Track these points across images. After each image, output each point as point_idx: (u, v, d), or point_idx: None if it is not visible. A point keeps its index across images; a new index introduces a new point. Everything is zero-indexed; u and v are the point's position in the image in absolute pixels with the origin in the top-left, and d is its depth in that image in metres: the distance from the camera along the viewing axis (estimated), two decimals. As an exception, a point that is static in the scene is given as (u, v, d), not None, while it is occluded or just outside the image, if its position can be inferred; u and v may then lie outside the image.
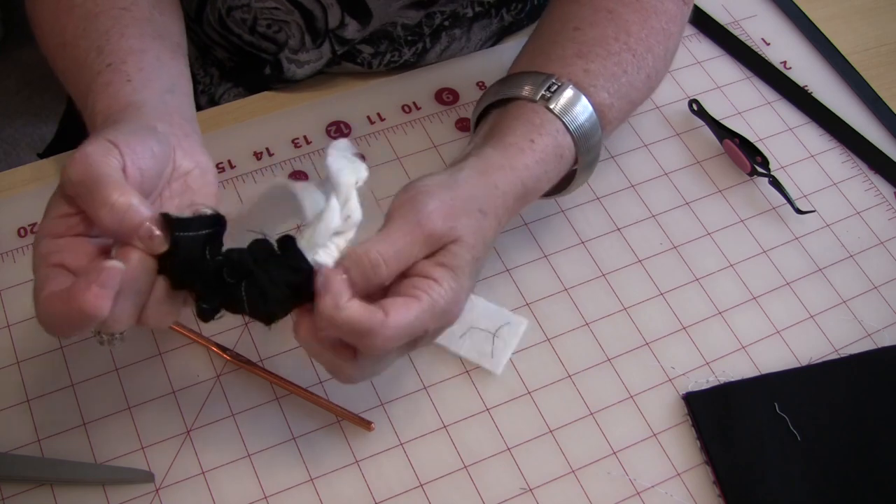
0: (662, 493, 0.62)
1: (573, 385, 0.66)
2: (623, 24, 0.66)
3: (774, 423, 0.65)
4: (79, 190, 0.48)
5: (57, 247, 0.49)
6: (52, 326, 0.47)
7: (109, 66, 0.58)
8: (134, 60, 0.58)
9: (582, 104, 0.62)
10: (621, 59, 0.65)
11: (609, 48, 0.65)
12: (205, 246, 0.48)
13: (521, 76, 0.63)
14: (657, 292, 0.71)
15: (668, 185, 0.77)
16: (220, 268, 0.49)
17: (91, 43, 0.59)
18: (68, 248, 0.49)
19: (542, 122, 0.61)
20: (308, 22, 0.76)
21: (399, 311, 0.49)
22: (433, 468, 0.62)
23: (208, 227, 0.49)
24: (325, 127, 0.76)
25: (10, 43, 1.76)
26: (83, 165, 0.48)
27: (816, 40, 0.88)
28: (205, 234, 0.48)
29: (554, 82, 0.62)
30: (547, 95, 0.61)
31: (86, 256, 0.49)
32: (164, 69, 0.59)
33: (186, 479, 0.60)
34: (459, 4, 0.78)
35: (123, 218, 0.47)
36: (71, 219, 0.49)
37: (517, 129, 0.60)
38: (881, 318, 0.71)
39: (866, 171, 0.79)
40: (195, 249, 0.48)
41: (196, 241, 0.48)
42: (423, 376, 0.65)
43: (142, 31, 0.60)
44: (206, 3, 0.78)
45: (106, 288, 0.45)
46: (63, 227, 0.49)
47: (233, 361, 0.64)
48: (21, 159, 1.62)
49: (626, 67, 0.65)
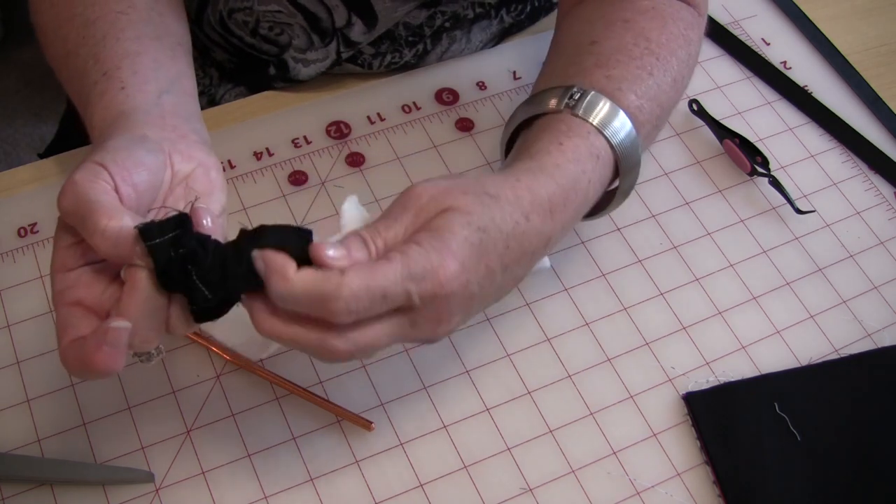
0: (662, 493, 0.62)
1: (573, 385, 0.66)
2: (641, 31, 0.64)
3: (774, 423, 0.65)
4: (73, 220, 0.48)
5: (71, 282, 0.49)
6: (75, 374, 0.48)
7: (105, 75, 0.57)
8: (129, 64, 0.58)
9: (608, 105, 0.59)
10: (644, 62, 0.62)
11: (630, 53, 0.62)
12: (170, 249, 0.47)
13: (541, 94, 0.61)
14: (657, 292, 0.71)
15: (668, 185, 0.77)
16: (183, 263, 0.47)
17: (89, 51, 0.59)
18: (82, 283, 0.49)
19: (568, 126, 0.58)
20: (312, 23, 0.75)
21: (360, 271, 0.46)
22: (433, 468, 0.62)
23: (173, 228, 0.47)
24: (325, 127, 0.77)
25: (10, 43, 1.76)
26: (72, 194, 0.48)
27: (816, 40, 0.88)
28: (171, 237, 0.47)
29: (576, 90, 0.59)
30: (571, 103, 0.58)
31: (99, 286, 0.49)
32: (162, 70, 0.59)
33: (186, 479, 0.60)
34: (460, 6, 0.78)
35: (117, 241, 0.46)
36: (77, 248, 0.49)
37: (543, 138, 0.58)
38: (881, 318, 0.71)
39: (866, 171, 0.79)
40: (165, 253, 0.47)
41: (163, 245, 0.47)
42: (423, 376, 0.65)
43: (139, 33, 0.60)
44: (207, 4, 0.78)
45: (115, 347, 0.46)
46: (72, 259, 0.49)
47: (233, 361, 0.64)
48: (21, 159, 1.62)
49: (651, 70, 0.62)
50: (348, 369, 0.65)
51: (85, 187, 0.48)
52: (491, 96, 0.80)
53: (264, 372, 0.63)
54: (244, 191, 0.72)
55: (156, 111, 0.56)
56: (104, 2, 0.61)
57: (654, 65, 0.62)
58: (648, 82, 0.61)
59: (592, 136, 0.58)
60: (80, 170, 0.49)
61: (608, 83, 0.60)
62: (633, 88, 0.60)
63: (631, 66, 0.61)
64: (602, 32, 0.64)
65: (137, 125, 0.54)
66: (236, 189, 0.72)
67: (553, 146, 0.56)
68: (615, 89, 0.60)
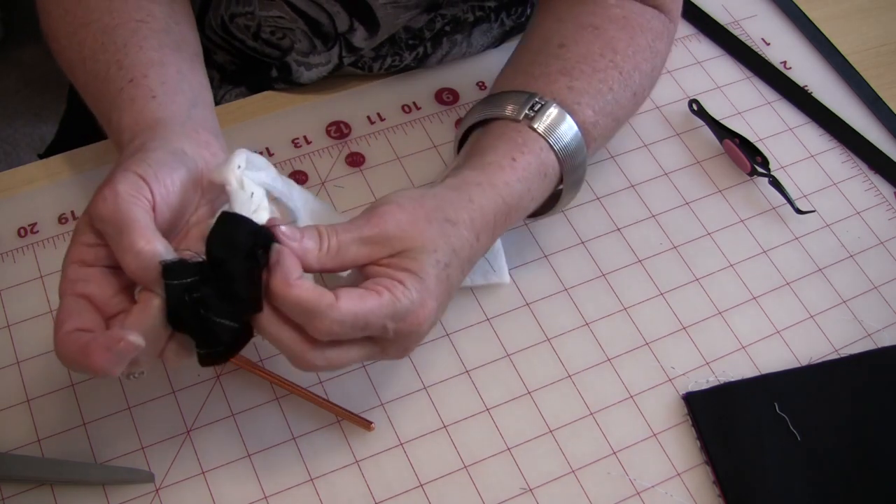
0: (662, 493, 0.62)
1: (573, 385, 0.66)
2: (609, 41, 0.65)
3: (774, 423, 0.65)
4: (106, 229, 0.48)
5: (84, 275, 0.49)
6: (64, 361, 0.48)
7: (132, 82, 0.57)
8: (155, 74, 0.58)
9: (567, 123, 0.61)
10: (607, 75, 0.64)
11: (595, 65, 0.64)
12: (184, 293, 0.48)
13: (503, 95, 0.62)
14: (657, 292, 0.71)
15: (668, 185, 0.77)
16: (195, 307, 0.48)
17: (110, 57, 0.59)
18: (95, 280, 0.49)
19: (524, 140, 0.60)
20: (314, 28, 0.75)
21: (352, 300, 0.49)
22: (433, 468, 0.62)
23: (193, 274, 0.48)
24: (325, 127, 0.77)
25: (10, 43, 1.76)
26: (113, 205, 0.48)
27: (816, 40, 0.88)
28: (187, 283, 0.48)
29: (537, 101, 0.61)
30: (530, 115, 0.60)
31: (111, 289, 0.50)
32: (186, 82, 0.59)
33: (186, 479, 0.60)
34: (460, 9, 0.78)
35: (147, 266, 0.47)
36: (98, 249, 0.49)
37: (498, 148, 0.60)
38: (881, 318, 0.71)
39: (866, 171, 0.79)
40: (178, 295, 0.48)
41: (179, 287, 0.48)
42: (423, 376, 0.65)
43: (160, 42, 0.60)
44: (209, 8, 0.77)
45: (122, 357, 0.46)
46: (91, 257, 0.49)
47: (233, 361, 0.64)
48: (21, 159, 1.62)
49: (611, 84, 0.64)
50: (348, 369, 0.65)
51: (128, 201, 0.48)
52: (491, 96, 0.80)
53: (264, 372, 0.63)
54: (244, 191, 0.72)
55: (189, 124, 0.56)
56: (123, 10, 0.61)
57: (615, 79, 0.64)
58: (608, 97, 0.64)
59: (545, 153, 0.60)
60: (123, 180, 0.49)
61: (569, 94, 0.62)
62: (592, 104, 0.63)
63: (594, 79, 0.63)
64: (571, 35, 0.65)
65: (175, 136, 0.54)
66: (236, 189, 0.72)
67: (506, 161, 0.59)
68: (574, 103, 0.62)
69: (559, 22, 0.67)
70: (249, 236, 0.48)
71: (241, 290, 0.48)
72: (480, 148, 0.61)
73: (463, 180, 0.58)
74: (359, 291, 0.50)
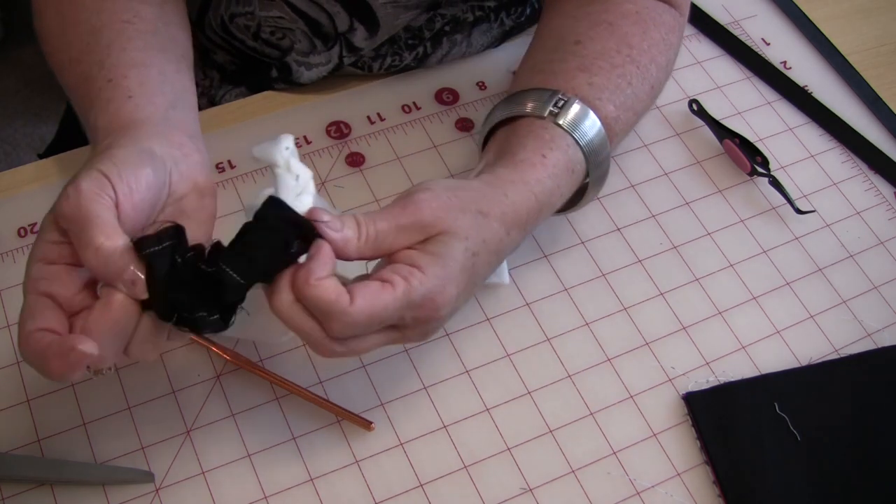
0: (662, 493, 0.62)
1: (573, 385, 0.66)
2: (624, 37, 0.65)
3: (774, 423, 0.65)
4: (69, 226, 0.48)
5: (48, 273, 0.49)
6: (28, 362, 0.48)
7: (111, 82, 0.57)
8: (135, 75, 0.58)
9: (590, 119, 0.61)
10: (625, 70, 0.64)
11: (612, 60, 0.64)
12: (173, 255, 0.48)
13: (525, 93, 0.63)
14: (657, 292, 0.71)
15: (668, 185, 0.77)
16: (193, 263, 0.48)
17: (94, 57, 0.59)
18: (57, 279, 0.49)
19: (552, 137, 0.60)
20: (314, 29, 0.75)
21: (366, 299, 0.49)
22: (433, 468, 0.62)
23: (171, 238, 0.48)
24: (325, 127, 0.77)
25: (10, 43, 1.76)
26: (75, 202, 0.48)
27: (816, 40, 0.88)
28: (169, 245, 0.48)
29: (560, 97, 0.61)
30: (555, 111, 0.61)
31: (74, 288, 0.50)
32: (168, 84, 0.59)
33: (186, 479, 0.60)
34: (460, 9, 0.78)
35: (108, 262, 0.47)
36: (62, 247, 0.49)
37: (528, 146, 0.60)
38: (881, 318, 0.71)
39: (866, 171, 0.79)
40: (166, 261, 0.48)
41: (164, 253, 0.48)
42: (423, 376, 0.65)
43: (146, 43, 0.60)
44: (208, 8, 0.77)
45: (74, 366, 0.47)
46: (55, 255, 0.49)
47: (233, 361, 0.64)
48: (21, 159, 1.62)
49: (630, 79, 0.65)
50: (348, 369, 0.65)
51: (88, 198, 0.48)
52: (491, 96, 0.80)
53: (264, 372, 0.63)
54: (244, 191, 0.72)
55: (164, 125, 0.56)
56: (111, 10, 0.61)
57: (633, 74, 0.65)
58: (627, 92, 0.64)
59: (572, 149, 0.61)
60: (86, 178, 0.49)
61: (590, 91, 0.63)
62: (613, 99, 0.63)
63: (612, 75, 0.64)
64: (586, 32, 0.66)
65: (146, 136, 0.54)
66: (236, 189, 0.72)
67: (537, 158, 0.60)
68: (595, 98, 0.62)
69: (573, 20, 0.67)
70: (291, 227, 0.49)
71: (260, 259, 0.48)
72: (510, 146, 0.61)
73: (497, 177, 0.58)
74: (374, 286, 0.50)
